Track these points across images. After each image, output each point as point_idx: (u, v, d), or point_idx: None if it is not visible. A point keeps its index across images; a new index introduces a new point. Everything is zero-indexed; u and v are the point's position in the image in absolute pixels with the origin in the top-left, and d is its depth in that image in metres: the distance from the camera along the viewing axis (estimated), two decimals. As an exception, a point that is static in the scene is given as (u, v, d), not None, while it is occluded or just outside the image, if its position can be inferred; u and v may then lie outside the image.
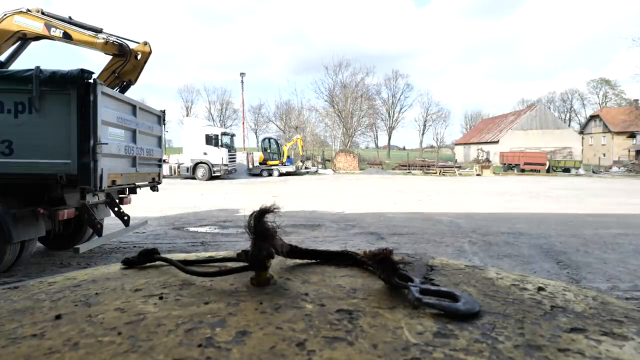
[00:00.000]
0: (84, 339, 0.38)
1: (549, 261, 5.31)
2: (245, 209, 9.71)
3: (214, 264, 0.66)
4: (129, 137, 5.53)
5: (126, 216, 5.72)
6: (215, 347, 0.37)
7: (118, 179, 5.13)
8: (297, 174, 25.30)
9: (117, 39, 6.68)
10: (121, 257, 0.77)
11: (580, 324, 0.43)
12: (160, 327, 0.41)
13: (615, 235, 6.94)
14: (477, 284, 0.58)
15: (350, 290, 0.54)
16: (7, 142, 4.48)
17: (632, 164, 33.63)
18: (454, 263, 0.72)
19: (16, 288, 0.55)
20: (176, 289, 0.54)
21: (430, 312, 0.45)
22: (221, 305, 0.48)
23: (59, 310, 0.46)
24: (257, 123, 60.47)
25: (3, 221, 4.29)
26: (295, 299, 0.50)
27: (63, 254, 5.58)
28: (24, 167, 4.43)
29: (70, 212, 4.72)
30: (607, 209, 10.50)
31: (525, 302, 0.50)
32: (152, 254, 0.68)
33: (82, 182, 4.49)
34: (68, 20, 6.71)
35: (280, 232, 0.59)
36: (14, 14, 6.53)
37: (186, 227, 7.81)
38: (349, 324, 0.43)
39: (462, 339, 0.39)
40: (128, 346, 0.37)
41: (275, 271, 0.58)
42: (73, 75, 4.40)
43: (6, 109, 4.48)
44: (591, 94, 61.18)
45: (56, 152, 4.47)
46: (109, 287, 0.55)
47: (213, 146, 22.07)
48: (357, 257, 0.65)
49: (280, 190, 16.01)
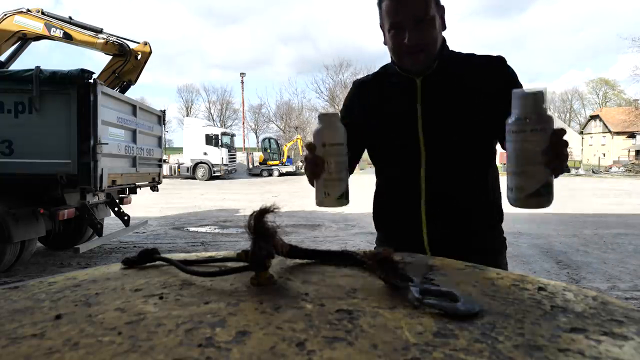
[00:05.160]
0: (84, 339, 0.38)
1: (549, 261, 5.31)
2: (245, 209, 9.72)
3: (214, 264, 0.66)
4: (129, 137, 5.54)
5: (126, 216, 5.72)
6: (215, 347, 0.37)
7: (118, 179, 5.13)
8: (297, 174, 25.31)
9: (117, 39, 6.69)
10: (121, 257, 0.77)
11: (580, 324, 0.43)
12: (160, 327, 0.41)
13: (615, 235, 6.94)
14: (477, 284, 0.58)
15: (350, 290, 0.54)
16: (7, 142, 4.48)
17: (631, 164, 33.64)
18: (454, 263, 0.72)
19: (16, 288, 0.55)
20: (176, 289, 0.54)
21: (430, 312, 0.45)
22: (221, 305, 0.48)
23: (59, 310, 0.46)
24: (257, 123, 60.48)
25: (3, 221, 4.29)
26: (295, 299, 0.50)
27: (63, 254, 5.57)
28: (24, 167, 4.44)
29: (70, 212, 4.72)
30: (607, 209, 10.50)
31: (525, 302, 0.50)
32: (152, 254, 0.68)
33: (82, 182, 4.50)
34: (68, 20, 6.71)
35: (280, 232, 0.60)
36: (14, 14, 6.53)
37: (186, 227, 7.82)
38: (349, 324, 0.43)
39: (462, 339, 0.39)
40: (128, 346, 0.37)
41: (275, 271, 0.58)
42: (73, 75, 4.41)
43: (6, 109, 4.48)
44: (591, 94, 61.22)
45: (56, 152, 4.47)
46: (109, 287, 0.55)
47: (213, 146, 22.08)
48: (357, 257, 0.65)
49: (280, 190, 16.02)
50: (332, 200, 0.90)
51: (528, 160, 0.73)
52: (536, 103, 0.72)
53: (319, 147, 0.87)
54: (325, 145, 0.87)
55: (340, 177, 0.89)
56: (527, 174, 0.74)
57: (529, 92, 0.72)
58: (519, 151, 0.74)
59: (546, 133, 0.72)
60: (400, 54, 1.15)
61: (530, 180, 0.74)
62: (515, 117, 0.74)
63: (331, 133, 0.88)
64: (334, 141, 0.88)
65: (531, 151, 0.73)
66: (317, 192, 0.90)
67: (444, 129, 1.12)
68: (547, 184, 0.75)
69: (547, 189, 0.75)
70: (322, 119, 0.89)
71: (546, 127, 0.72)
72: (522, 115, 0.73)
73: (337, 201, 0.90)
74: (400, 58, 1.16)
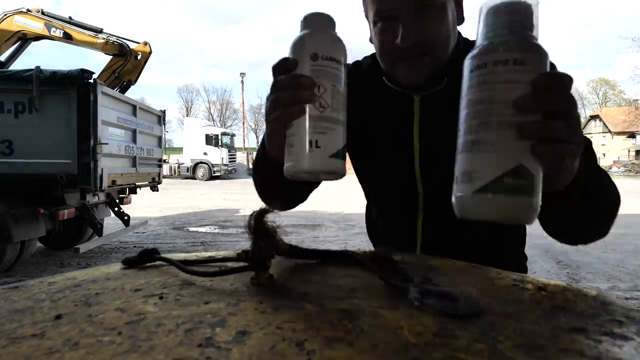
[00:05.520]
0: (84, 339, 0.38)
1: (549, 261, 5.32)
2: (245, 209, 9.71)
3: (214, 264, 0.66)
4: (129, 137, 5.55)
5: (126, 216, 5.72)
6: (215, 347, 0.37)
7: (118, 179, 5.14)
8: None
9: (117, 39, 6.70)
10: (121, 257, 0.77)
11: (580, 324, 0.43)
12: (160, 327, 0.41)
13: (615, 235, 6.94)
14: (477, 284, 0.58)
15: (350, 290, 0.54)
16: (7, 142, 4.49)
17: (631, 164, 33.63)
18: (454, 263, 0.72)
19: (16, 288, 0.55)
20: (176, 289, 0.54)
21: (430, 312, 0.45)
22: (221, 305, 0.48)
23: (59, 310, 0.46)
24: (257, 123, 60.48)
25: (3, 221, 4.29)
26: (295, 299, 0.50)
27: (63, 254, 5.58)
28: (24, 167, 4.44)
29: (70, 212, 4.72)
30: (607, 209, 10.49)
31: (525, 302, 0.50)
32: (152, 254, 0.68)
33: (82, 182, 4.51)
34: (68, 20, 6.72)
35: (280, 232, 0.60)
36: (14, 14, 6.54)
37: (186, 227, 7.82)
38: (349, 324, 0.43)
39: (462, 339, 0.39)
40: (128, 346, 0.37)
41: (275, 271, 0.58)
42: (73, 76, 4.42)
43: (6, 109, 4.49)
44: (591, 94, 61.24)
45: (56, 152, 4.48)
46: (109, 287, 0.55)
47: (213, 146, 22.09)
48: (357, 257, 0.65)
49: (280, 190, 15.98)
50: (322, 159, 0.53)
51: (488, 120, 0.41)
52: (514, 18, 0.43)
53: (303, 61, 0.53)
54: (317, 58, 0.52)
55: (339, 117, 0.54)
56: (485, 147, 0.41)
57: (505, 3, 0.43)
58: (475, 103, 0.43)
59: (529, 72, 0.41)
60: (391, 60, 0.80)
61: (488, 158, 0.41)
62: (478, 44, 0.45)
63: (327, 41, 0.54)
64: (331, 54, 0.53)
65: (497, 101, 0.41)
66: (294, 143, 0.54)
67: (449, 167, 0.62)
68: (523, 170, 0.41)
69: (523, 180, 0.41)
70: (311, 22, 0.55)
71: (530, 61, 0.41)
72: (489, 38, 0.44)
73: (329, 160, 0.53)
74: (389, 65, 0.82)
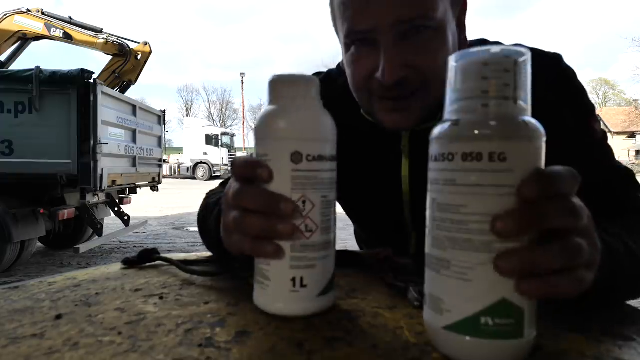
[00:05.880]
0: (84, 339, 0.38)
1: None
2: (245, 209, 9.69)
3: (214, 264, 0.66)
4: (129, 137, 5.54)
5: (126, 216, 5.72)
6: (215, 347, 0.37)
7: (118, 179, 5.13)
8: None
9: (117, 39, 6.70)
10: (121, 257, 0.78)
11: (580, 324, 0.43)
12: (160, 327, 0.41)
13: (615, 236, 6.94)
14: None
15: (350, 290, 0.54)
16: (7, 142, 4.49)
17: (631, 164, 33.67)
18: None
19: (16, 288, 0.55)
20: (176, 289, 0.54)
21: (430, 312, 0.45)
22: (221, 305, 0.48)
23: (59, 310, 0.46)
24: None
25: (3, 221, 4.29)
26: (295, 299, 0.50)
27: (63, 254, 5.58)
28: (24, 167, 4.44)
29: (70, 212, 4.72)
30: (607, 209, 10.49)
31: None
32: (152, 254, 0.68)
33: (82, 182, 4.50)
34: (68, 20, 6.72)
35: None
36: (14, 14, 6.54)
37: (186, 227, 7.82)
38: (349, 324, 0.43)
39: (462, 339, 0.39)
40: (128, 346, 0.37)
41: (275, 271, 0.58)
42: (73, 76, 4.41)
43: (6, 109, 4.49)
44: (591, 94, 61.19)
45: (56, 152, 4.48)
46: (109, 287, 0.55)
47: (213, 146, 22.09)
48: (357, 257, 0.65)
49: (280, 190, 15.98)
50: (309, 301, 0.43)
51: (458, 237, 0.32)
52: (494, 81, 0.31)
53: (281, 165, 0.40)
54: (301, 160, 0.40)
55: (331, 236, 0.44)
56: (456, 271, 0.32)
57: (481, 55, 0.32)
58: (442, 208, 0.33)
59: (512, 172, 0.30)
60: (369, 99, 0.61)
61: (461, 287, 0.32)
62: (445, 116, 0.35)
63: (314, 129, 0.41)
64: (320, 150, 0.41)
65: (469, 212, 0.31)
66: (270, 277, 0.42)
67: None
68: (506, 306, 0.31)
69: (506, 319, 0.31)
70: (288, 92, 0.41)
71: (514, 154, 0.30)
72: (456, 112, 0.33)
73: (317, 300, 0.43)
74: (367, 104, 0.63)
